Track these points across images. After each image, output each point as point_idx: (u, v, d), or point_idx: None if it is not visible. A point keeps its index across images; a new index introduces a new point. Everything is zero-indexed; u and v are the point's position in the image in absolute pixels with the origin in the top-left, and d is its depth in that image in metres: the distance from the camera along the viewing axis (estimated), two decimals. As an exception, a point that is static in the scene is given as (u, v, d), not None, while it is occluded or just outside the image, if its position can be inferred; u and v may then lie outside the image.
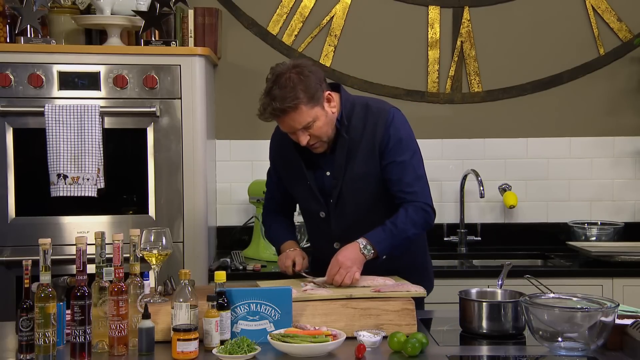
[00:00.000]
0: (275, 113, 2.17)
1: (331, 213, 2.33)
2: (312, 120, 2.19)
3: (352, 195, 2.30)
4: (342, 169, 2.28)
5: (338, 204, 2.31)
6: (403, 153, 2.29)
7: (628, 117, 3.44)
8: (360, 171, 2.28)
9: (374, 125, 2.29)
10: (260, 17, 3.40)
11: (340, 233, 2.32)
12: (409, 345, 1.83)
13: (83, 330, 1.78)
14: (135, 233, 1.92)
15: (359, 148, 2.28)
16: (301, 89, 2.15)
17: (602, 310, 1.82)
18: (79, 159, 2.69)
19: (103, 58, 2.78)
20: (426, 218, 2.28)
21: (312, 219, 2.41)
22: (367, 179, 2.29)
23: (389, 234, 2.21)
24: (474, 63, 3.42)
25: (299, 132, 2.20)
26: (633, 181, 3.43)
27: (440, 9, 3.42)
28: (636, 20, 3.42)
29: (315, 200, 2.33)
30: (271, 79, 2.20)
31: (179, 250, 2.80)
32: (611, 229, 3.30)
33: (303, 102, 2.15)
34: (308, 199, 2.35)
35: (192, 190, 2.81)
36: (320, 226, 2.38)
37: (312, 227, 2.47)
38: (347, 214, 2.31)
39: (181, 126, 2.80)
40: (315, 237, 2.49)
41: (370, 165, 2.28)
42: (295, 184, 2.37)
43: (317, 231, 2.43)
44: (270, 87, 2.18)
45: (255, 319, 1.92)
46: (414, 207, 2.26)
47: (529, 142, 3.43)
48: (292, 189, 2.41)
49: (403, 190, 2.27)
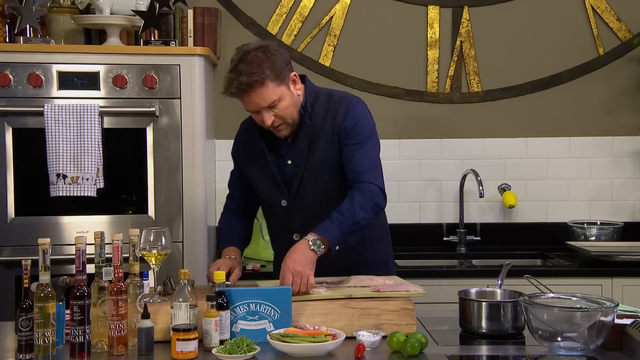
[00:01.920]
0: (242, 87, 2.13)
1: (293, 202, 2.30)
2: (277, 99, 2.17)
3: (313, 184, 2.28)
4: (304, 156, 2.27)
5: (299, 192, 2.29)
6: (359, 136, 2.26)
7: (627, 117, 3.44)
8: (321, 159, 2.27)
9: (335, 112, 2.28)
10: (259, 17, 3.40)
11: (301, 224, 2.28)
12: (409, 345, 1.83)
13: (82, 330, 1.78)
14: (134, 233, 1.92)
15: (321, 136, 2.27)
16: (268, 66, 2.15)
17: (601, 310, 1.82)
18: (78, 159, 2.69)
19: (102, 58, 2.77)
20: (374, 199, 2.20)
21: (273, 210, 2.36)
22: (328, 167, 2.28)
23: (337, 223, 2.13)
24: (473, 63, 3.42)
25: (263, 112, 2.17)
26: (632, 181, 3.43)
27: (439, 8, 3.42)
28: (635, 20, 3.42)
29: (277, 189, 2.31)
30: (237, 58, 2.17)
31: (179, 250, 2.80)
32: (610, 229, 3.30)
33: (270, 78, 2.14)
34: (270, 188, 2.32)
35: (191, 190, 2.81)
36: (281, 217, 2.34)
37: (273, 219, 2.41)
38: (307, 204, 2.29)
39: (180, 126, 2.80)
40: (275, 230, 2.42)
41: (331, 152, 2.27)
42: (257, 174, 2.34)
43: (278, 223, 2.37)
44: (236, 64, 2.15)
45: (254, 318, 1.92)
46: (360, 190, 2.20)
47: (529, 142, 3.44)
48: (255, 180, 2.36)
49: (352, 170, 2.24)
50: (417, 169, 3.40)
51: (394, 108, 3.43)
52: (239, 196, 2.46)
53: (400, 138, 3.40)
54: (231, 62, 2.19)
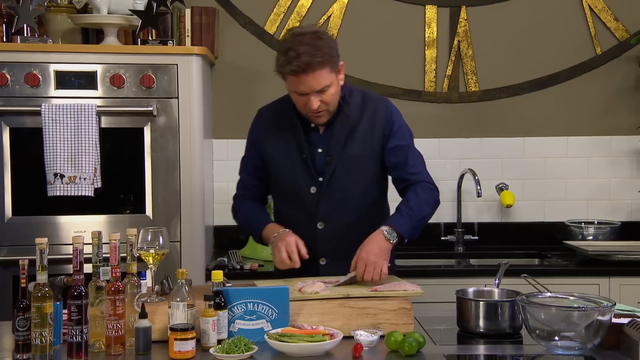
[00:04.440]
0: (301, 67, 2.13)
1: (322, 190, 2.31)
2: (328, 85, 2.20)
3: (345, 175, 2.31)
4: (340, 146, 2.30)
5: (330, 181, 2.31)
6: (406, 138, 2.38)
7: (625, 117, 3.44)
8: (357, 152, 2.32)
9: (373, 110, 2.35)
10: (257, 16, 3.40)
11: (327, 212, 2.31)
12: (406, 344, 1.83)
13: (80, 329, 1.77)
14: (132, 232, 1.92)
15: (358, 129, 2.32)
16: (326, 51, 2.18)
17: (598, 310, 1.83)
18: (75, 159, 2.69)
19: (100, 57, 2.77)
20: (435, 196, 2.35)
21: (299, 197, 2.32)
22: (362, 160, 2.32)
23: (407, 217, 2.24)
24: (471, 62, 3.42)
25: (312, 95, 2.18)
26: (630, 180, 3.43)
27: (437, 8, 3.42)
28: (633, 20, 3.42)
29: (308, 175, 2.31)
30: (290, 39, 2.18)
31: (176, 250, 2.80)
32: (608, 228, 3.31)
33: (327, 63, 2.18)
34: (299, 174, 2.31)
35: (189, 190, 2.81)
36: (306, 204, 2.32)
37: (296, 207, 2.35)
38: (336, 193, 2.31)
39: (178, 125, 2.80)
40: (296, 218, 2.35)
41: (368, 147, 2.33)
42: (285, 160, 2.33)
43: (302, 211, 2.33)
44: (291, 45, 2.15)
45: (252, 318, 1.92)
46: (422, 187, 2.32)
47: (526, 142, 3.44)
48: (281, 166, 2.33)
49: (409, 171, 2.34)
50: (414, 169, 3.40)
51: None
52: (255, 185, 2.44)
53: (398, 137, 3.39)
54: (283, 42, 2.21)
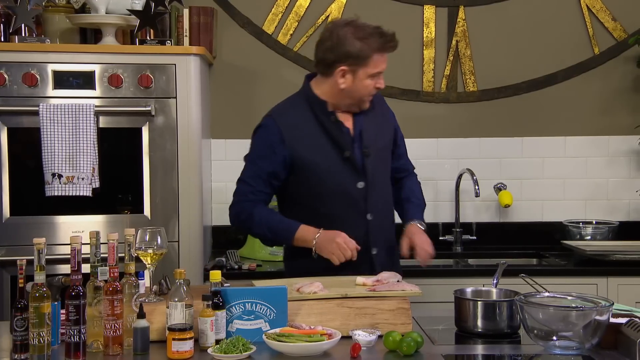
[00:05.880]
0: (395, 45, 2.32)
1: (368, 184, 2.37)
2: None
3: (379, 166, 2.42)
4: (373, 139, 2.40)
5: (373, 174, 2.38)
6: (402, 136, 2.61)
7: (622, 117, 3.45)
8: (383, 144, 2.46)
9: (386, 108, 2.53)
10: (255, 16, 3.40)
11: (373, 204, 2.38)
12: (404, 344, 1.83)
13: (78, 329, 1.77)
14: (130, 232, 1.91)
15: (380, 123, 2.45)
16: None
17: (596, 309, 1.83)
18: (73, 159, 2.69)
19: (98, 57, 2.77)
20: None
21: (346, 193, 2.34)
22: (387, 151, 2.48)
23: (420, 208, 2.52)
24: (469, 62, 3.42)
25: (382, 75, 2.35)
26: (627, 180, 3.44)
27: (435, 8, 3.42)
28: (631, 20, 3.42)
29: (353, 171, 2.35)
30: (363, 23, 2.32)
31: (174, 250, 2.80)
32: (606, 228, 3.31)
33: None
34: (344, 171, 2.34)
35: (187, 190, 2.81)
36: (355, 199, 2.35)
37: (343, 204, 2.35)
38: (377, 185, 2.40)
39: (176, 125, 2.80)
40: (343, 214, 2.35)
41: (387, 139, 2.49)
42: (324, 160, 2.33)
43: (351, 207, 2.35)
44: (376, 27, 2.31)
45: (250, 318, 1.92)
46: (416, 178, 2.61)
47: (524, 142, 3.44)
48: (321, 167, 2.32)
49: (408, 161, 2.60)
50: (413, 169, 3.40)
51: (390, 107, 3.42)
52: (266, 192, 2.37)
53: (396, 137, 3.40)
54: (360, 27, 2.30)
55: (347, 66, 2.27)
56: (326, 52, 2.30)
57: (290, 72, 3.41)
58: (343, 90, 2.31)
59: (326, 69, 2.32)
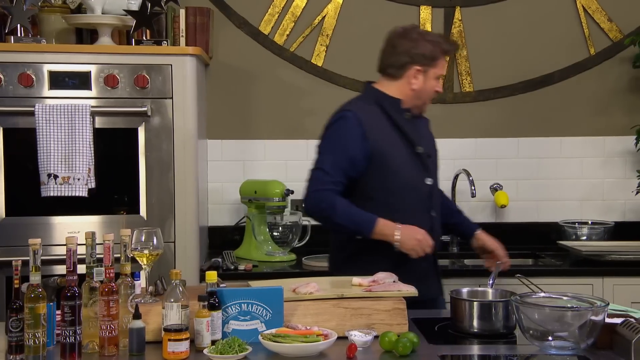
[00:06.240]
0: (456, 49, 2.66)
1: (433, 181, 2.51)
2: None
3: (436, 165, 2.60)
4: (431, 142, 2.59)
5: (435, 172, 2.55)
6: None
7: (618, 117, 3.46)
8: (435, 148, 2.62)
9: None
10: (251, 17, 3.40)
11: (436, 201, 2.53)
12: (400, 344, 1.83)
13: (73, 330, 1.77)
14: (126, 233, 1.91)
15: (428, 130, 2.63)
16: None
17: (592, 310, 1.83)
18: (69, 159, 2.68)
19: (94, 57, 2.77)
20: None
21: (416, 189, 2.46)
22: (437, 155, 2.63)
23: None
24: (465, 63, 3.43)
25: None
26: (623, 181, 3.44)
27: (431, 8, 3.42)
28: (626, 21, 3.43)
29: (423, 168, 2.48)
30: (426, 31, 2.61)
31: (170, 250, 2.79)
32: (601, 229, 3.31)
33: None
34: (416, 167, 2.46)
35: (183, 190, 2.81)
36: (423, 196, 2.47)
37: (413, 199, 2.45)
38: (436, 183, 2.55)
39: (172, 126, 2.79)
40: (411, 210, 2.44)
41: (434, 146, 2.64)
42: (401, 156, 2.43)
43: (419, 203, 2.46)
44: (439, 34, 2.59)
45: (246, 318, 1.92)
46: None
47: (520, 142, 3.45)
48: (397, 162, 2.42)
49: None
50: (409, 169, 3.40)
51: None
52: (344, 184, 2.38)
53: (392, 138, 3.40)
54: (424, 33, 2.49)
55: (421, 66, 2.42)
56: (400, 55, 2.44)
57: (287, 72, 3.41)
58: (414, 91, 2.45)
59: (397, 71, 2.45)
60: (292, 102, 3.42)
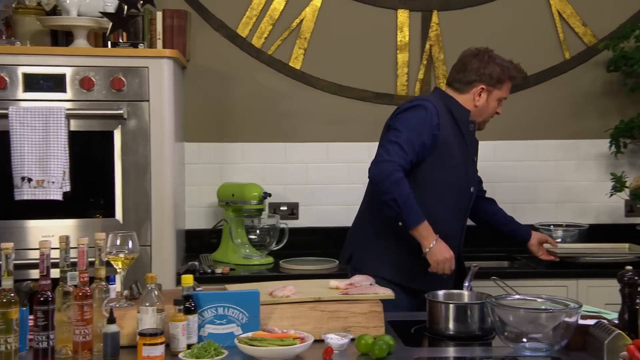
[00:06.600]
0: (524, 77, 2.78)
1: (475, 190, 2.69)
2: None
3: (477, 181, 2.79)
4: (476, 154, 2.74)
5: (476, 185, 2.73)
6: None
7: (592, 120, 3.50)
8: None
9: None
10: (229, 20, 3.39)
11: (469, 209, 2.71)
12: (376, 347, 1.84)
13: (46, 335, 1.75)
14: (100, 237, 1.90)
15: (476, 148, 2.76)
16: None
17: (565, 311, 1.85)
18: (44, 162, 2.66)
19: (69, 60, 2.74)
20: None
21: (459, 194, 2.62)
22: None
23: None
24: (442, 66, 3.45)
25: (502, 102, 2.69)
26: (597, 183, 3.48)
27: (409, 12, 3.44)
28: (600, 25, 3.48)
29: (471, 176, 2.68)
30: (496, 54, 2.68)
31: (147, 254, 2.77)
32: (576, 231, 3.34)
33: None
34: (467, 173, 2.64)
35: (160, 194, 2.79)
36: (463, 201, 2.64)
37: (453, 203, 2.61)
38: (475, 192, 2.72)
39: (149, 129, 2.78)
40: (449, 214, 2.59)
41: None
42: (459, 155, 2.59)
43: (458, 208, 2.63)
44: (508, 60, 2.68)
45: (222, 322, 1.92)
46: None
47: (496, 145, 3.47)
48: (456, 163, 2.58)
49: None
50: (386, 172, 3.41)
51: (364, 111, 3.44)
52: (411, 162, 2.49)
53: (370, 141, 3.38)
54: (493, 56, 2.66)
55: (486, 86, 2.61)
56: (469, 72, 2.62)
57: (265, 75, 3.41)
58: (476, 107, 2.63)
59: (464, 87, 2.63)
60: (270, 105, 3.42)
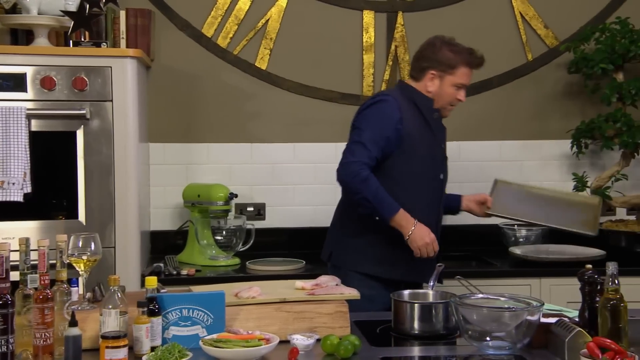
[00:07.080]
0: (481, 63, 2.65)
1: (445, 177, 2.68)
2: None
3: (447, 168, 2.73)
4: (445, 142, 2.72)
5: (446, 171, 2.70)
6: None
7: (555, 121, 3.55)
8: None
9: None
10: (194, 19, 3.37)
11: (443, 197, 2.70)
12: (342, 347, 1.84)
13: (6, 339, 1.71)
14: (62, 238, 1.87)
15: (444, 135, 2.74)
16: None
17: (527, 310, 1.88)
18: (4, 163, 2.61)
19: (29, 59, 2.70)
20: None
21: (428, 182, 2.62)
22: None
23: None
24: (407, 67, 3.46)
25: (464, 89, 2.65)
26: (560, 183, 3.53)
27: (374, 13, 3.46)
28: (562, 27, 3.53)
29: (440, 163, 2.67)
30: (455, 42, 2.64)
31: (111, 256, 2.74)
32: (539, 231, 3.39)
33: None
34: (433, 161, 2.64)
35: (124, 194, 2.76)
36: (433, 190, 2.65)
37: (424, 192, 2.61)
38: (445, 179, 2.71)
39: (112, 129, 2.74)
40: (422, 203, 2.59)
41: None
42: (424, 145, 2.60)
43: (429, 196, 2.63)
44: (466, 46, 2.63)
45: (187, 324, 1.90)
46: None
47: (461, 146, 3.50)
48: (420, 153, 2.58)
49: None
50: (353, 172, 3.41)
51: (330, 112, 3.45)
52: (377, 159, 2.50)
53: (336, 141, 3.39)
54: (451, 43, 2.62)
55: (436, 71, 2.61)
56: (421, 59, 2.64)
57: (230, 75, 3.39)
58: (429, 93, 2.63)
59: (418, 74, 2.65)
60: (235, 105, 3.40)
